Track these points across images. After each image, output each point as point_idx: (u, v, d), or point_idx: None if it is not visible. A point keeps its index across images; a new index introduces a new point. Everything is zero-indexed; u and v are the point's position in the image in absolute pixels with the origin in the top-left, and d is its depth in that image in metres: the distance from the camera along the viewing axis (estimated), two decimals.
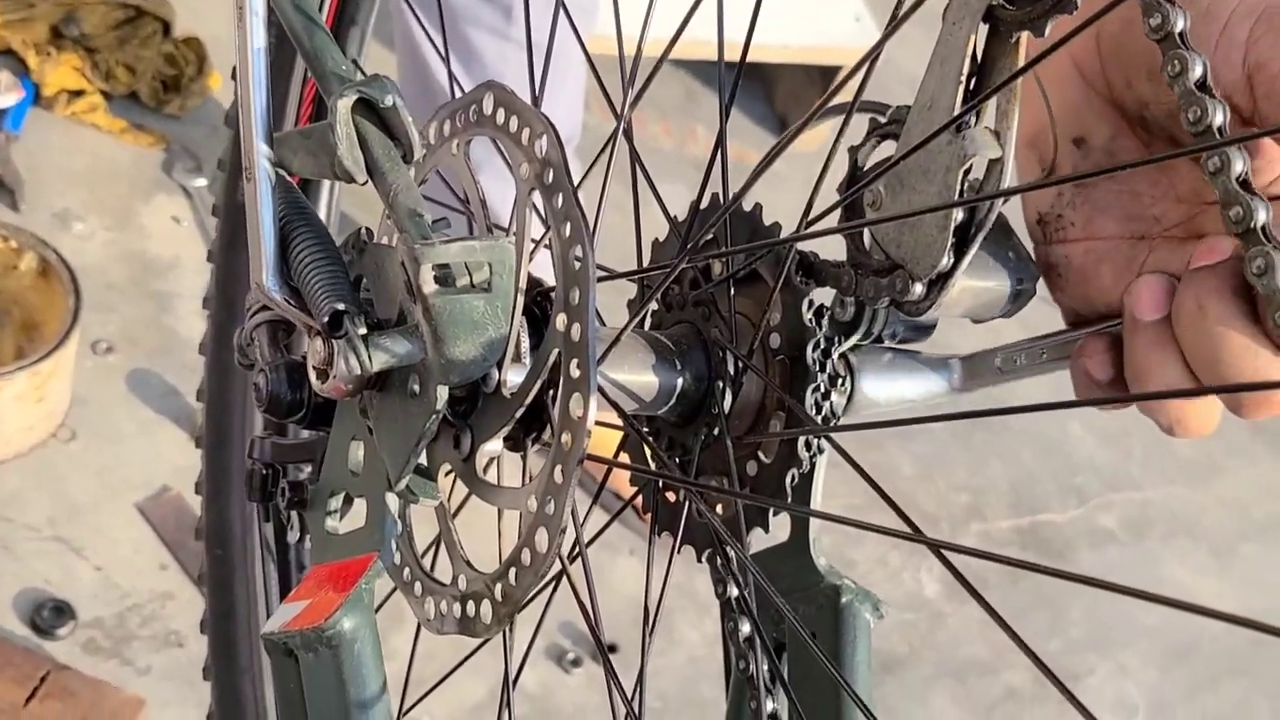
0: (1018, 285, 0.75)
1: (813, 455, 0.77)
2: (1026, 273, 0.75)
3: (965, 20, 0.67)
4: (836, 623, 0.82)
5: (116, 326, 2.36)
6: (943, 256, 0.69)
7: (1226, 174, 0.64)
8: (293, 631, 0.76)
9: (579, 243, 0.68)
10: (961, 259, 0.69)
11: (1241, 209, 0.63)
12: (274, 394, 0.78)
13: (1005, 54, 0.67)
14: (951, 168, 0.68)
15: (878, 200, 0.72)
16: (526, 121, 0.72)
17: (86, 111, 2.61)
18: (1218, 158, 0.64)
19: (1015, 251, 0.75)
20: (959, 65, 0.67)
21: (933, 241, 0.69)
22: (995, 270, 0.74)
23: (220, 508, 1.18)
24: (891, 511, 0.66)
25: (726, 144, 0.79)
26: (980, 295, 0.74)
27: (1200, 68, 0.64)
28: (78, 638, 1.99)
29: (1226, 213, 0.64)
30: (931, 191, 0.69)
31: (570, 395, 0.68)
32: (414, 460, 0.73)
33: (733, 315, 0.79)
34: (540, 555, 0.70)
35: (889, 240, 0.72)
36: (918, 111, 0.70)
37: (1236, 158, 0.63)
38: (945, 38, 0.68)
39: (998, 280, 0.74)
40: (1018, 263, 0.75)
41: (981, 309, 0.75)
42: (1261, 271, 0.63)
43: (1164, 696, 2.68)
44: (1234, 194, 0.63)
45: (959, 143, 0.68)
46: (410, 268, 0.68)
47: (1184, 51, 0.64)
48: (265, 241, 0.77)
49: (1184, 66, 0.64)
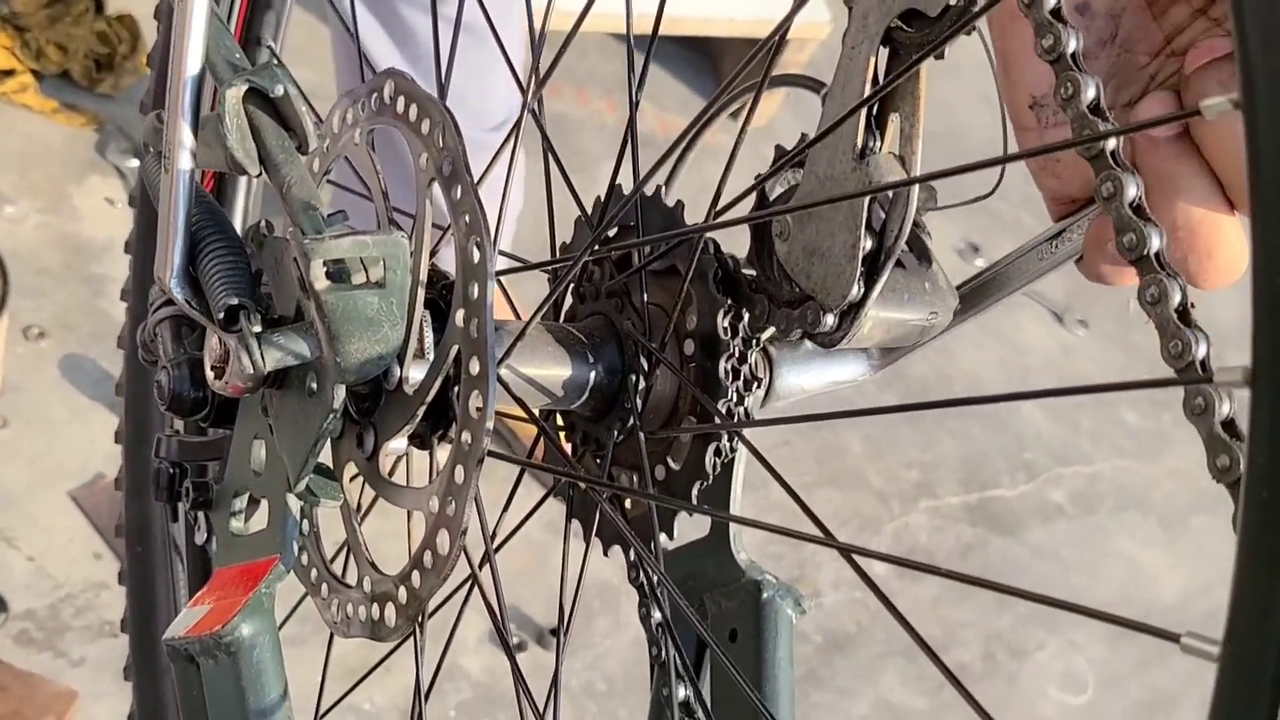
0: (930, 317, 0.73)
1: (724, 459, 0.75)
2: (942, 304, 0.73)
3: (864, 45, 0.65)
4: (757, 619, 0.80)
5: (49, 312, 2.32)
6: (852, 286, 0.67)
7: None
8: (192, 637, 0.74)
9: (476, 235, 0.66)
10: (872, 288, 0.68)
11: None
12: (176, 392, 0.76)
13: (907, 78, 0.66)
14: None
15: (785, 230, 0.70)
16: (426, 111, 0.70)
17: (17, 92, 2.56)
18: (1110, 183, 0.62)
19: (932, 281, 0.73)
20: (859, 90, 0.66)
21: (842, 271, 0.67)
22: (910, 303, 0.72)
23: (141, 505, 1.15)
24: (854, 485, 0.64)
25: (637, 127, 0.77)
26: (894, 328, 0.72)
27: (1093, 90, 0.62)
28: (9, 629, 1.95)
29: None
30: (838, 220, 0.67)
31: (470, 392, 0.66)
32: (312, 460, 0.71)
33: (645, 307, 0.77)
34: (443, 557, 0.68)
35: (799, 270, 0.70)
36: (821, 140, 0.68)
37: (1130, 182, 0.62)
38: (844, 63, 0.66)
39: (913, 312, 0.72)
40: (934, 294, 0.73)
41: (895, 341, 0.73)
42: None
43: (1113, 671, 2.69)
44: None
45: (863, 170, 0.66)
46: (301, 263, 0.66)
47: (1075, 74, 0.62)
48: (176, 236, 0.74)
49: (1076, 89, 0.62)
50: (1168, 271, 0.62)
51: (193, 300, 0.73)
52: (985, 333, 3.18)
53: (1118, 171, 0.62)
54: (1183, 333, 0.61)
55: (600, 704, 2.21)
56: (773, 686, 0.79)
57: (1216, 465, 0.62)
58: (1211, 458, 0.62)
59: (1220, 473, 0.62)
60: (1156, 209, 0.63)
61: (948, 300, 0.74)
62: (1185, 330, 0.62)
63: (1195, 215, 0.65)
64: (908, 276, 0.72)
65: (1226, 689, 0.39)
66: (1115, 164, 0.62)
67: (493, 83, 2.02)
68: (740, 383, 0.74)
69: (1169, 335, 0.61)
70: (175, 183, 0.72)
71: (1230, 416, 0.61)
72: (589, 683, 2.23)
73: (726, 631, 0.81)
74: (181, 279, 0.74)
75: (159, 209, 0.74)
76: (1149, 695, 2.68)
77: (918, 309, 0.73)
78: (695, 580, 0.83)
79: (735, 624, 0.81)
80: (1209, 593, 2.86)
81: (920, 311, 0.73)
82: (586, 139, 3.03)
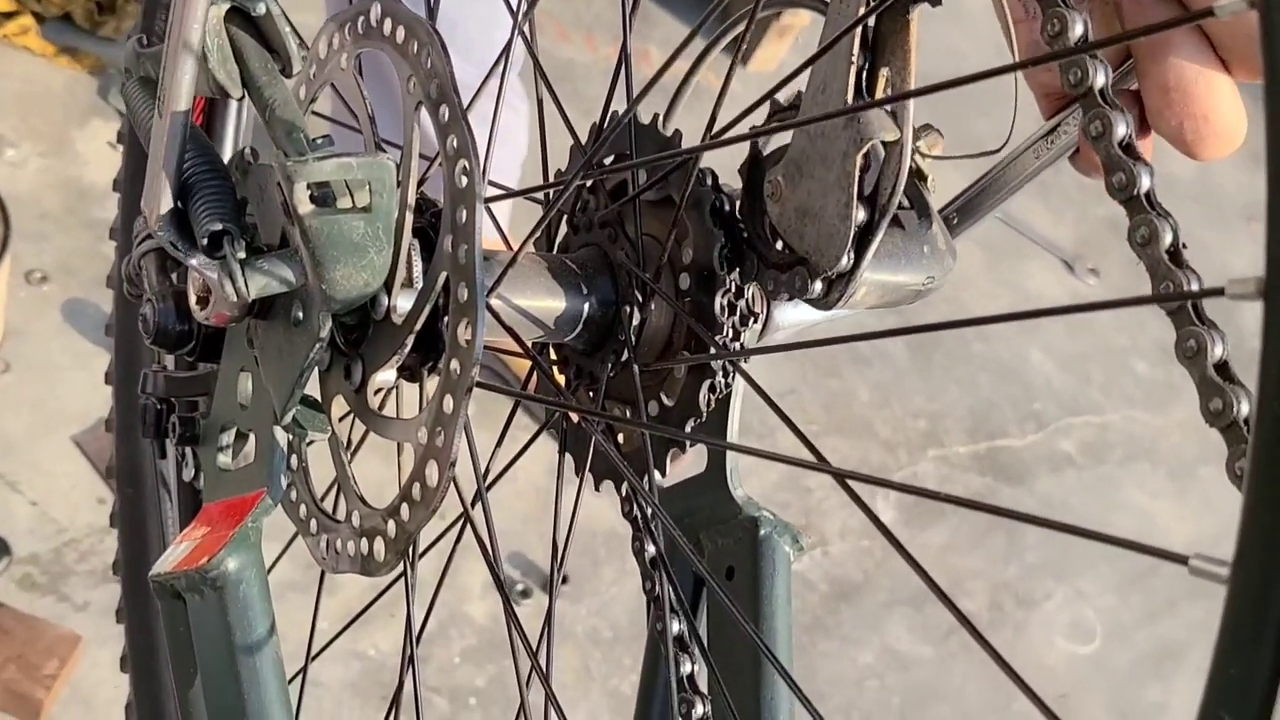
0: (927, 282, 0.71)
1: (718, 395, 0.73)
2: (939, 267, 0.71)
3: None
4: (754, 556, 0.79)
5: (51, 256, 2.30)
6: (845, 249, 0.65)
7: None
8: (178, 573, 0.73)
9: (464, 159, 0.64)
10: (862, 257, 0.66)
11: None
12: (161, 325, 0.74)
13: (896, 29, 0.63)
14: (849, 153, 0.64)
15: (777, 190, 0.68)
16: (413, 33, 0.68)
17: (18, 34, 2.53)
18: (1098, 121, 0.60)
19: (930, 244, 0.70)
20: (849, 45, 0.64)
21: (835, 232, 0.65)
22: (906, 266, 0.70)
23: (131, 446, 1.14)
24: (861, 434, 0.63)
25: (630, 53, 0.75)
26: (889, 292, 0.70)
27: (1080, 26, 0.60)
28: (13, 574, 1.95)
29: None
30: (830, 179, 0.65)
31: (459, 321, 0.64)
32: (298, 392, 0.70)
33: (640, 236, 0.75)
34: (432, 489, 0.66)
35: (791, 232, 0.68)
36: (811, 95, 0.66)
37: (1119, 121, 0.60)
38: (833, 17, 0.64)
39: (909, 276, 0.70)
40: (932, 257, 0.71)
41: (889, 303, 0.71)
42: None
43: (1121, 621, 2.68)
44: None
45: (854, 127, 0.64)
46: (285, 186, 0.64)
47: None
48: (169, 176, 0.72)
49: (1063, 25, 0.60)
50: (1158, 211, 0.60)
51: (177, 239, 0.71)
52: (996, 281, 3.16)
53: (1105, 109, 0.60)
54: (1174, 274, 0.60)
55: (606, 651, 2.20)
56: (770, 624, 0.78)
57: (1209, 409, 0.60)
58: (1204, 401, 0.60)
59: (1213, 416, 0.60)
60: (1146, 73, 0.61)
61: (946, 262, 0.72)
62: (1176, 271, 0.60)
63: (1189, 74, 0.61)
64: (905, 239, 0.70)
65: (1235, 611, 0.38)
66: (1104, 101, 0.61)
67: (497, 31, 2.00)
68: (736, 318, 0.72)
69: (1160, 277, 0.60)
70: (168, 123, 0.69)
71: (1224, 358, 0.60)
72: (594, 629, 2.22)
73: (723, 569, 0.80)
74: (169, 217, 0.72)
75: (149, 146, 0.71)
76: (1157, 645, 2.67)
77: (914, 272, 0.71)
78: (691, 517, 0.81)
79: (732, 561, 0.79)
80: (1217, 544, 2.85)
81: (916, 275, 0.71)
82: (594, 85, 2.99)
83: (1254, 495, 0.38)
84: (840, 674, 2.37)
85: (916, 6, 0.62)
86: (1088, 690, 2.56)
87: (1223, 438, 0.58)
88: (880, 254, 0.67)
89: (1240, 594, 0.38)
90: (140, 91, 0.72)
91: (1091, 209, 3.40)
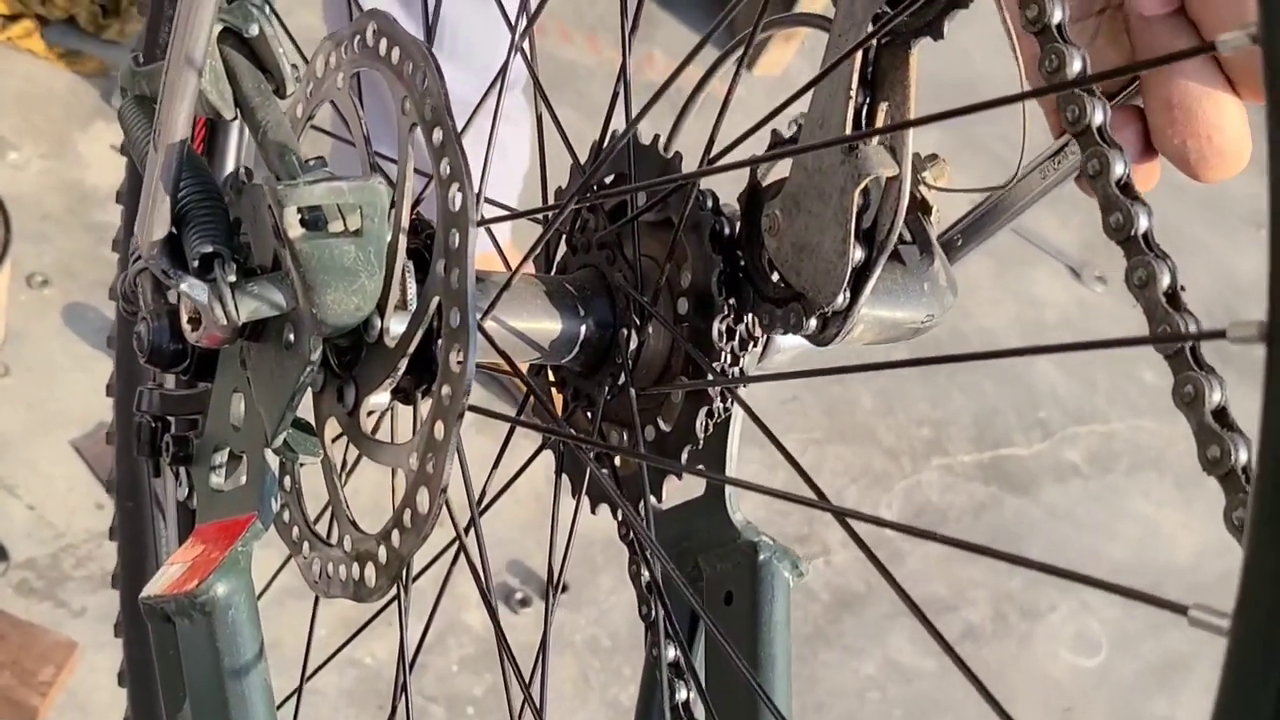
0: (926, 320, 0.70)
1: (716, 421, 0.73)
2: (939, 305, 0.70)
3: (852, 32, 0.62)
4: (753, 581, 0.78)
5: (52, 259, 2.29)
6: (842, 286, 0.64)
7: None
8: (168, 596, 0.72)
9: (457, 182, 0.63)
10: (859, 295, 0.65)
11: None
12: (155, 344, 0.74)
13: (896, 65, 0.63)
14: (846, 189, 0.63)
15: (774, 225, 0.67)
16: (409, 54, 0.67)
17: (22, 37, 2.53)
18: (1096, 160, 0.59)
19: (931, 281, 0.70)
20: (848, 79, 0.63)
21: (831, 269, 0.64)
22: (905, 304, 0.69)
23: (132, 460, 1.13)
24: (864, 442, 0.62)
25: (629, 72, 0.74)
26: (887, 329, 0.69)
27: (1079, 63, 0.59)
28: (10, 578, 1.94)
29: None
30: (828, 215, 0.64)
31: (451, 345, 0.63)
32: (289, 415, 0.69)
33: (638, 258, 0.75)
34: (423, 516, 0.65)
35: (788, 267, 0.67)
36: (809, 130, 0.65)
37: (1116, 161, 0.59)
38: (833, 51, 0.63)
39: (907, 313, 0.69)
40: (932, 295, 0.70)
41: (887, 339, 0.71)
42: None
43: (1126, 633, 2.67)
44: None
45: (852, 162, 0.63)
46: (275, 210, 0.63)
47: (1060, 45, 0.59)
48: (160, 207, 0.70)
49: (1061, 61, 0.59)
50: (1156, 253, 0.59)
51: (168, 266, 0.70)
52: (1001, 288, 3.15)
53: (1103, 147, 0.60)
54: (1171, 317, 0.59)
55: (604, 660, 2.20)
56: (768, 651, 0.77)
57: (1207, 457, 0.59)
58: (1202, 450, 0.59)
59: (1211, 464, 0.60)
60: (1151, 91, 0.60)
61: (946, 299, 0.71)
62: (1174, 315, 0.59)
63: (1194, 93, 0.61)
64: (905, 275, 0.69)
65: (1236, 663, 0.37)
66: (1101, 140, 0.60)
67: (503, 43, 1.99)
68: (735, 343, 0.72)
69: (1158, 320, 0.59)
70: (165, 151, 0.68)
71: (1222, 404, 0.59)
72: (593, 639, 2.21)
73: (722, 594, 0.79)
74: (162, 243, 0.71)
75: (144, 172, 0.70)
76: (1162, 658, 2.65)
77: (913, 310, 0.70)
78: (690, 540, 0.80)
79: (731, 586, 0.79)
80: (1223, 555, 2.83)
81: (916, 312, 0.70)
82: (596, 87, 2.98)
83: (1255, 544, 0.37)
84: (842, 685, 2.36)
85: (917, 41, 0.61)
86: (1093, 703, 2.55)
87: (1220, 486, 0.57)
88: (878, 290, 0.66)
89: (1241, 645, 0.37)
90: (136, 111, 0.71)
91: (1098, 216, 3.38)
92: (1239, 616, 0.37)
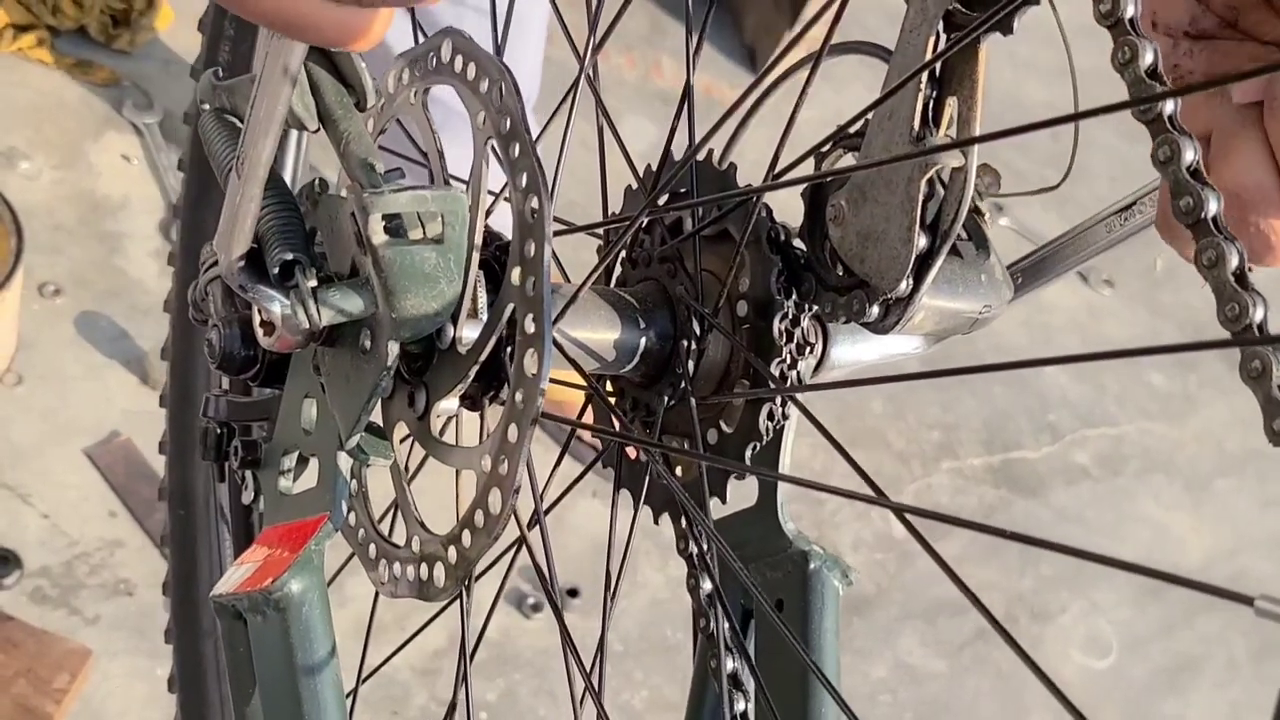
0: (984, 310, 0.72)
1: (776, 423, 0.75)
2: (996, 297, 0.72)
3: (923, 27, 0.65)
4: (804, 589, 0.80)
5: (65, 268, 2.31)
6: (906, 273, 0.66)
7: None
8: (240, 594, 0.74)
9: (535, 193, 0.65)
10: (921, 282, 0.67)
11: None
12: (226, 350, 0.76)
13: (965, 59, 0.65)
14: (913, 178, 0.65)
15: (840, 214, 0.70)
16: (484, 70, 0.69)
17: (33, 47, 2.54)
18: (1167, 147, 0.61)
19: (988, 274, 0.72)
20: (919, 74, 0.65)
21: (897, 255, 0.67)
22: (964, 294, 0.71)
23: (184, 468, 1.15)
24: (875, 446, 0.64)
25: (693, 91, 0.76)
26: (946, 318, 0.71)
27: (1150, 55, 0.62)
28: (24, 587, 1.95)
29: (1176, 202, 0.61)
30: (894, 203, 0.66)
31: (525, 352, 0.66)
32: (364, 418, 0.71)
33: (699, 272, 0.77)
34: (494, 517, 0.67)
35: (853, 255, 0.69)
36: (878, 122, 0.68)
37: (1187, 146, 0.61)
38: (903, 45, 0.66)
39: (966, 304, 0.71)
40: (989, 287, 0.72)
41: (946, 330, 0.73)
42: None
43: (1138, 634, 2.68)
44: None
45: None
46: (360, 217, 0.65)
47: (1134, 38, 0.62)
48: (244, 222, 0.72)
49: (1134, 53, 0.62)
50: (1225, 235, 0.61)
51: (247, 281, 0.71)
52: None
53: (1174, 134, 0.62)
54: (1240, 296, 0.61)
55: (616, 664, 2.21)
56: (819, 656, 0.79)
57: (1274, 428, 0.62)
58: (1268, 420, 0.61)
59: (1277, 435, 0.62)
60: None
61: (1002, 293, 0.73)
62: (1243, 294, 0.61)
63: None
64: (964, 267, 0.71)
65: None
66: (1172, 128, 0.62)
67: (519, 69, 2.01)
68: (794, 345, 0.74)
69: (1226, 298, 0.61)
70: (253, 170, 0.69)
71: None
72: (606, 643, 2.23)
73: (773, 601, 0.81)
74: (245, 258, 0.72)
75: (228, 190, 0.72)
76: (1174, 659, 2.68)
77: (971, 301, 0.72)
78: (742, 550, 0.82)
79: (782, 594, 0.80)
80: (1233, 557, 2.86)
81: (974, 303, 0.72)
82: (606, 95, 3.00)
83: None
84: (852, 688, 2.38)
85: (987, 37, 0.63)
86: (1104, 705, 2.57)
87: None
88: (938, 280, 0.68)
89: None
90: (216, 124, 0.73)
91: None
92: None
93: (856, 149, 0.71)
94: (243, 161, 0.66)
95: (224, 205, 0.69)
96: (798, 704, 0.78)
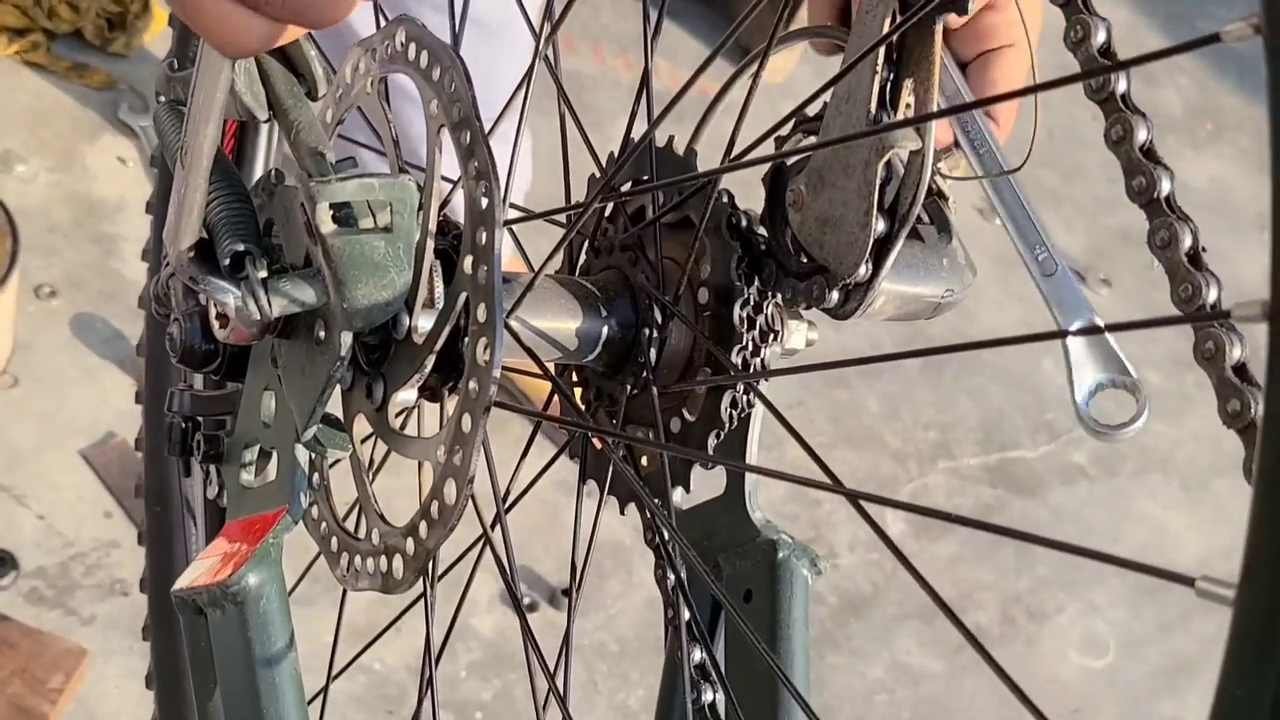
0: (946, 295, 0.72)
1: (740, 411, 0.74)
2: (959, 281, 0.72)
3: (879, 7, 0.64)
4: (772, 579, 0.79)
5: (60, 270, 2.31)
6: (864, 258, 0.66)
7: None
8: (200, 588, 0.73)
9: (485, 181, 0.64)
10: (880, 267, 0.66)
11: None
12: (187, 343, 0.75)
13: (921, 40, 0.64)
14: (870, 161, 0.65)
15: (799, 199, 0.69)
16: (436, 57, 0.69)
17: (28, 50, 2.54)
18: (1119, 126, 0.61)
19: (950, 258, 0.71)
20: (874, 56, 0.64)
21: (854, 241, 0.66)
22: (925, 278, 0.71)
23: (160, 465, 1.14)
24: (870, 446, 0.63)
25: (651, 76, 0.75)
26: (907, 303, 0.71)
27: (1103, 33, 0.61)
28: (20, 588, 1.95)
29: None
30: (851, 187, 0.66)
31: (477, 341, 0.65)
32: (320, 410, 0.70)
33: (660, 260, 0.76)
34: (449, 508, 0.67)
35: (812, 240, 0.69)
36: (836, 105, 0.67)
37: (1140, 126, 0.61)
38: (860, 28, 0.65)
39: (927, 288, 0.71)
40: (951, 271, 0.71)
41: (907, 315, 0.72)
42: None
43: (1134, 634, 2.67)
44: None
45: (876, 135, 0.65)
46: (308, 206, 0.65)
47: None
48: (191, 212, 0.72)
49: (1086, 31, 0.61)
50: (1178, 214, 0.61)
51: (196, 272, 0.71)
52: (1006, 292, 3.16)
53: (1127, 114, 0.61)
54: (1193, 276, 0.61)
55: (611, 665, 2.21)
56: (787, 647, 0.78)
57: (1227, 410, 0.61)
58: (1222, 403, 0.61)
59: (1230, 418, 0.61)
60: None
61: (965, 277, 0.73)
62: (1195, 274, 0.61)
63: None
64: (925, 251, 0.71)
65: (1241, 632, 0.38)
66: (1124, 106, 0.61)
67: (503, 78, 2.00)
68: (756, 332, 0.73)
69: (1179, 279, 0.61)
70: (196, 160, 0.69)
71: (1242, 360, 0.60)
72: (601, 643, 2.22)
73: (741, 592, 0.80)
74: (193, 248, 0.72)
75: (175, 177, 0.72)
76: (1170, 660, 2.66)
77: (933, 285, 0.71)
78: (710, 540, 0.82)
79: (750, 584, 0.80)
80: (1230, 556, 2.83)
81: (935, 287, 0.71)
82: (601, 96, 3.00)
83: (1258, 516, 0.38)
84: (849, 688, 2.37)
85: (941, 17, 0.62)
86: (1100, 705, 2.56)
87: (1240, 439, 0.59)
88: (899, 265, 0.68)
89: (1246, 615, 0.38)
90: (170, 116, 0.72)
91: (1103, 219, 3.40)
92: (1243, 586, 0.38)
93: (816, 132, 0.71)
94: (186, 151, 0.66)
95: (170, 196, 0.69)
96: (766, 697, 0.78)
